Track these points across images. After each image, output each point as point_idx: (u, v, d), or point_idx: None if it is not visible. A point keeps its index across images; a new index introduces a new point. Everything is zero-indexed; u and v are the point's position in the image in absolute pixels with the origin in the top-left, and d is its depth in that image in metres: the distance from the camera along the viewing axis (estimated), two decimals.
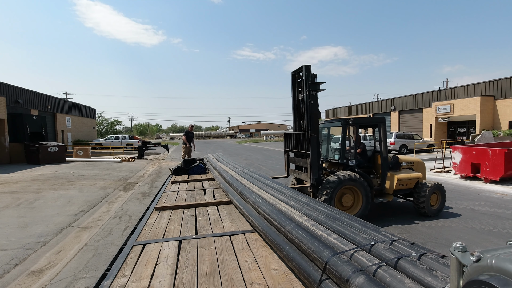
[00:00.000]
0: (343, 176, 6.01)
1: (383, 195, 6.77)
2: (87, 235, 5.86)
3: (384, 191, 6.72)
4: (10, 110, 20.14)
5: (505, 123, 23.51)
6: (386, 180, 6.68)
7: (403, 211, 7.20)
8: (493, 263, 0.88)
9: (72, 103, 34.63)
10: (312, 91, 6.05)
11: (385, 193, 6.76)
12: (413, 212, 7.00)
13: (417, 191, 6.66)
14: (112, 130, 57.81)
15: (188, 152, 13.62)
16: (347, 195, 6.16)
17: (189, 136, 13.55)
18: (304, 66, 6.13)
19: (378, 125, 6.76)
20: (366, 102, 41.81)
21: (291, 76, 6.95)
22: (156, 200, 4.79)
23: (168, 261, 2.44)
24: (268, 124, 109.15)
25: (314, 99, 6.08)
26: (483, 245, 5.15)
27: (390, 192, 6.67)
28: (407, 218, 6.63)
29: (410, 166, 7.12)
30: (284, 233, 2.54)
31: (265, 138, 64.38)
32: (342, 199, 6.14)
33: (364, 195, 6.11)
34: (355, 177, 6.07)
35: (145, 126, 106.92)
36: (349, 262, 1.80)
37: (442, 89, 29.90)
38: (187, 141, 13.46)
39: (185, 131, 14.00)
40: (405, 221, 6.38)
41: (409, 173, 6.81)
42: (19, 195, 9.19)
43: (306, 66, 6.11)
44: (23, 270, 4.38)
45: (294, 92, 6.93)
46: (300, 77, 6.56)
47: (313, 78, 6.10)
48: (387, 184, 6.67)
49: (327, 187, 5.90)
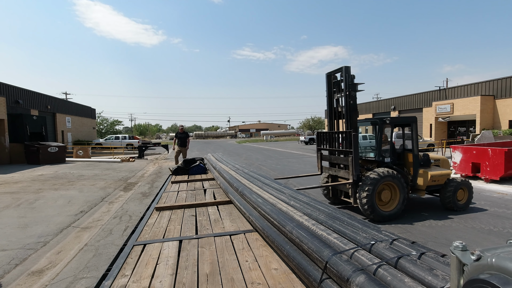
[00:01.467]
0: (383, 172, 6.26)
1: (415, 191, 7.05)
2: (88, 235, 5.86)
3: (416, 187, 6.95)
4: (10, 110, 20.14)
5: (505, 123, 23.51)
6: (418, 177, 6.94)
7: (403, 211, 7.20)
8: (494, 261, 0.88)
9: (72, 103, 34.62)
10: (352, 91, 6.33)
11: (417, 189, 7.02)
12: (413, 211, 7.01)
13: (445, 187, 6.92)
14: (112, 130, 57.79)
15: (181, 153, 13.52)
16: (385, 191, 6.42)
17: (178, 138, 13.51)
18: (344, 67, 6.37)
19: (411, 124, 7.03)
20: (366, 102, 41.78)
21: (327, 77, 7.18)
22: (157, 200, 4.79)
23: (169, 261, 2.44)
24: (268, 124, 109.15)
25: (353, 99, 6.39)
26: (483, 244, 5.15)
27: (423, 188, 6.92)
28: (407, 218, 6.63)
29: (437, 163, 7.43)
30: (284, 233, 2.54)
31: (265, 138, 64.36)
32: (381, 194, 6.39)
33: (401, 191, 6.38)
34: (394, 174, 6.34)
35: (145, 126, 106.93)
36: (349, 262, 1.80)
37: (442, 89, 29.90)
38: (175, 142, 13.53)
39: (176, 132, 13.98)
40: (405, 221, 6.38)
41: (440, 170, 7.08)
42: (19, 195, 9.19)
43: (346, 67, 6.36)
44: (24, 270, 4.38)
45: (329, 93, 7.18)
46: (336, 78, 6.91)
47: (352, 78, 6.37)
48: (420, 181, 6.90)
49: (368, 183, 6.12)
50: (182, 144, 13.55)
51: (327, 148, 7.21)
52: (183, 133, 13.61)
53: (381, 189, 6.35)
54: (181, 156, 13.54)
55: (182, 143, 13.54)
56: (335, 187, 7.32)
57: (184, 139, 13.52)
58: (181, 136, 13.51)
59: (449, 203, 6.85)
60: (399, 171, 6.64)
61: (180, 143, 13.55)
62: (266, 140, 58.93)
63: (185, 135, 13.66)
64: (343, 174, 6.70)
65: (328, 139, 7.13)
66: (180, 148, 13.57)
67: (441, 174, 6.93)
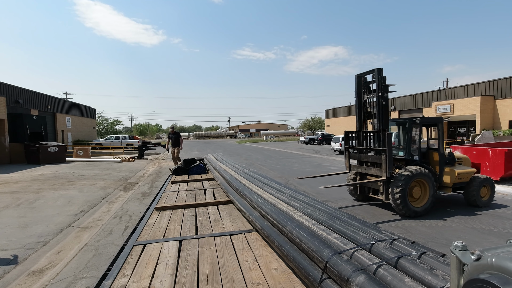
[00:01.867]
0: (415, 170, 6.54)
1: (441, 188, 7.31)
2: (88, 235, 5.86)
3: (442, 184, 7.23)
4: (10, 110, 20.14)
5: (505, 123, 23.50)
6: (444, 174, 7.18)
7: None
8: (494, 261, 0.88)
9: (72, 103, 34.63)
10: (385, 92, 6.67)
11: (443, 186, 7.29)
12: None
13: (469, 184, 7.23)
14: (112, 130, 57.79)
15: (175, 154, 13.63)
16: (416, 188, 6.69)
17: (170, 138, 13.67)
18: (377, 69, 6.68)
19: (438, 124, 7.35)
20: None
21: (356, 79, 7.45)
22: (157, 200, 4.79)
23: (169, 261, 2.44)
24: (268, 124, 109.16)
25: (386, 100, 6.74)
26: (483, 245, 5.15)
27: (450, 185, 7.19)
28: (407, 218, 6.63)
29: (460, 162, 7.71)
30: (284, 233, 2.54)
31: (265, 138, 64.36)
32: (412, 191, 6.66)
33: (431, 188, 6.66)
34: (425, 171, 6.63)
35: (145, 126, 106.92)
36: (349, 261, 1.80)
37: (442, 89, 29.90)
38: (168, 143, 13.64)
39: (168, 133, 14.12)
40: (405, 221, 6.38)
41: (465, 168, 7.38)
42: (19, 195, 9.19)
43: (378, 69, 6.67)
44: (24, 270, 4.38)
45: (359, 94, 7.45)
46: (366, 80, 7.26)
47: (385, 80, 6.66)
48: (447, 178, 7.17)
49: (401, 180, 6.38)
50: (175, 144, 13.68)
51: (357, 147, 7.56)
52: (174, 133, 13.77)
53: (412, 186, 6.61)
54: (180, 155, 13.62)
55: (174, 143, 13.68)
56: (364, 185, 7.58)
57: (176, 139, 13.66)
58: (173, 137, 13.68)
59: (473, 199, 7.15)
60: (429, 169, 6.92)
61: (173, 144, 13.70)
62: (266, 140, 58.93)
63: (177, 135, 13.78)
64: (374, 172, 6.96)
65: (359, 138, 7.49)
66: (173, 148, 13.70)
67: (466, 172, 7.25)
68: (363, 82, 7.33)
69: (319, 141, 37.23)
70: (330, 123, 50.86)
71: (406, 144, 7.19)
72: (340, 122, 47.59)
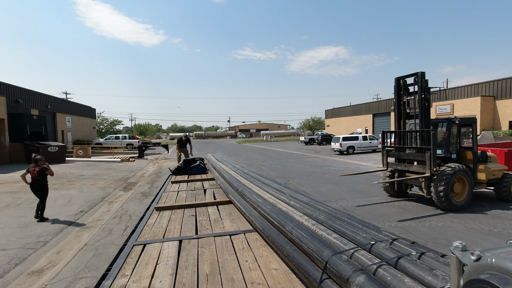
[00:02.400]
0: (456, 167, 6.95)
1: (476, 185, 7.65)
2: (87, 235, 5.86)
3: (477, 181, 7.59)
4: (10, 110, 20.14)
5: (505, 123, 23.50)
6: (479, 172, 7.56)
7: (404, 212, 7.20)
8: (494, 262, 0.88)
9: (72, 103, 34.63)
10: (427, 94, 7.09)
11: (477, 183, 7.65)
12: (412, 211, 7.01)
13: (501, 180, 7.69)
14: (112, 130, 57.79)
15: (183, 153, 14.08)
16: (457, 184, 7.10)
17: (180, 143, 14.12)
18: (420, 73, 7.09)
19: (472, 124, 7.70)
20: (366, 102, 41.81)
21: (396, 81, 7.88)
22: (156, 200, 4.79)
23: (169, 261, 2.44)
24: (268, 124, 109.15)
25: (428, 101, 7.15)
26: (483, 245, 5.14)
27: (484, 182, 7.57)
28: (407, 218, 6.63)
29: (490, 159, 8.08)
30: (284, 233, 2.54)
31: (265, 138, 64.35)
32: (453, 187, 7.03)
33: (470, 184, 7.07)
34: (465, 168, 7.08)
35: (145, 126, 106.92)
36: (349, 262, 1.80)
37: (442, 89, 29.89)
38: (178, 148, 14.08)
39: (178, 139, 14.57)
40: (405, 221, 6.38)
41: (497, 165, 7.82)
42: (19, 195, 9.19)
43: (422, 73, 7.09)
44: (23, 270, 4.38)
45: (398, 95, 7.87)
46: (406, 82, 7.75)
47: (427, 83, 7.10)
48: (482, 175, 7.53)
49: (444, 176, 6.77)
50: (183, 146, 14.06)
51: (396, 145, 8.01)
52: (186, 140, 14.28)
53: (453, 182, 6.99)
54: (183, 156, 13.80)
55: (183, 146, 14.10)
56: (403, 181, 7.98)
57: (185, 143, 14.15)
58: (183, 143, 14.18)
59: (505, 195, 7.62)
60: (467, 166, 7.30)
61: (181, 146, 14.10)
62: (266, 140, 58.93)
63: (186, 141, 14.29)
64: (416, 169, 7.34)
65: (399, 137, 7.94)
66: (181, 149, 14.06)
67: (499, 169, 7.71)
68: (403, 85, 7.78)
69: (319, 141, 37.24)
70: (330, 123, 50.88)
71: (445, 142, 7.54)
72: (340, 122, 47.59)
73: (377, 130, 38.02)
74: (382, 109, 38.15)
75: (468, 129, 8.08)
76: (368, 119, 40.68)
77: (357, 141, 24.00)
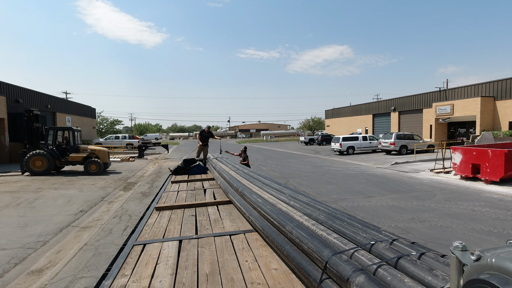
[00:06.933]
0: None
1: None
2: (87, 235, 5.86)
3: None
4: (10, 109, 20.14)
5: (505, 124, 23.50)
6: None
7: (403, 212, 7.21)
8: (493, 262, 0.88)
9: (72, 103, 34.64)
10: None
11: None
12: (414, 211, 7.01)
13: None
14: (112, 130, 57.78)
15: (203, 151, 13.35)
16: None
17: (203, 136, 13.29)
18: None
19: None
20: (366, 103, 41.80)
21: None
22: (156, 200, 4.79)
23: (169, 261, 2.44)
24: (268, 124, 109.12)
25: None
26: (483, 245, 5.14)
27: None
28: (407, 218, 6.63)
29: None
30: (284, 233, 2.54)
31: (265, 138, 64.36)
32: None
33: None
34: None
35: (145, 126, 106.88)
36: (349, 262, 1.80)
37: (442, 90, 29.90)
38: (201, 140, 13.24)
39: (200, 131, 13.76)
40: (405, 222, 6.38)
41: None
42: (19, 194, 9.19)
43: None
44: (23, 269, 4.38)
45: None
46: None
47: None
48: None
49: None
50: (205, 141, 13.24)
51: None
52: (208, 132, 13.42)
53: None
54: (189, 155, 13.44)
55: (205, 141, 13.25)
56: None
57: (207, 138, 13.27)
58: (205, 135, 13.23)
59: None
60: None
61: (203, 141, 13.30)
62: (266, 141, 58.93)
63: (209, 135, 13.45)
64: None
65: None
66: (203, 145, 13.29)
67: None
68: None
69: (319, 141, 37.25)
70: (330, 123, 50.87)
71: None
72: (340, 122, 47.58)
73: (377, 131, 38.02)
74: (382, 109, 38.14)
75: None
76: (368, 119, 40.68)
77: (357, 141, 24.01)
